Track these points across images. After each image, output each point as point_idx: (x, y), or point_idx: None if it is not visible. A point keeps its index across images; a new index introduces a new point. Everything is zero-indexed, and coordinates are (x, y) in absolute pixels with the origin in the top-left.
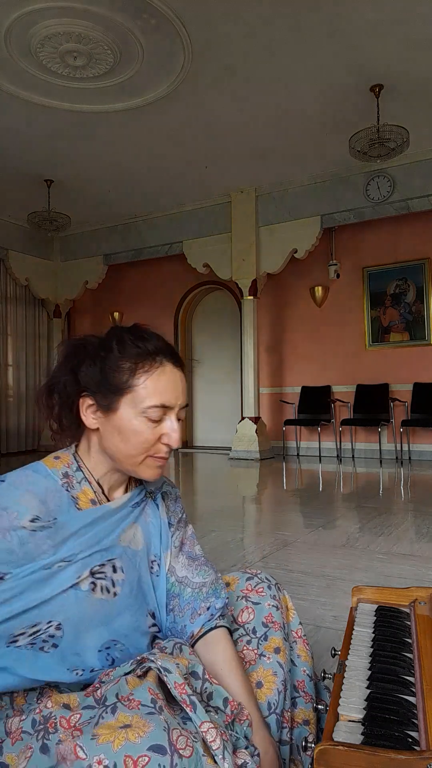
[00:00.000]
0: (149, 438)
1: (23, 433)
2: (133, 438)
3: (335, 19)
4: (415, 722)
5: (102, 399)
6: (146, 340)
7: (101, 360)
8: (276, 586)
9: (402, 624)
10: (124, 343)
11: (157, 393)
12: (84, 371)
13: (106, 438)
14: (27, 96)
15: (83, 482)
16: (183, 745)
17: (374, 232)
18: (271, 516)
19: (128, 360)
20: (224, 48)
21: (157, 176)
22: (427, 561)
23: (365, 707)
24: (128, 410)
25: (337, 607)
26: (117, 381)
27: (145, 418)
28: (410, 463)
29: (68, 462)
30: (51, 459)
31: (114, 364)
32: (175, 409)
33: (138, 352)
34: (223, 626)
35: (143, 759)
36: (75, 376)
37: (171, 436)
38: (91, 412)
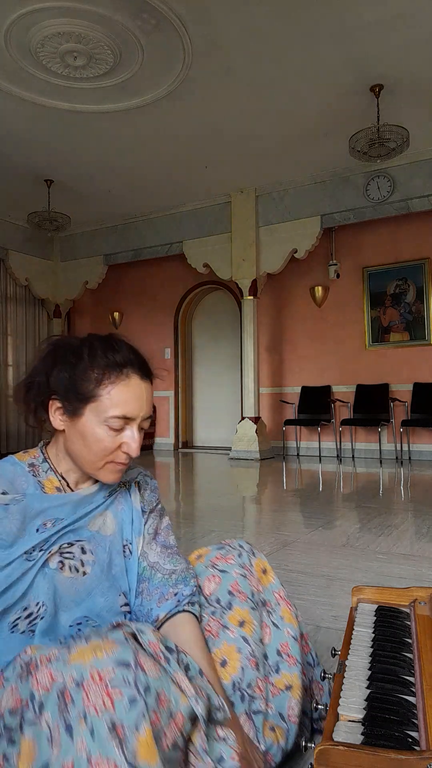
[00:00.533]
0: (109, 446)
1: (23, 433)
2: (95, 445)
3: (335, 19)
4: (415, 722)
5: (68, 404)
6: (116, 352)
7: (71, 367)
8: (249, 553)
9: (402, 624)
10: (94, 352)
11: (120, 404)
12: (54, 376)
13: (69, 440)
14: (27, 96)
15: (49, 472)
16: (149, 665)
17: (374, 232)
18: (271, 516)
19: (96, 369)
20: (224, 48)
21: (157, 176)
22: (427, 561)
23: (365, 707)
24: (92, 418)
25: (337, 607)
26: (83, 389)
27: (107, 426)
28: (410, 463)
29: (35, 455)
30: (20, 453)
31: (82, 372)
32: (137, 420)
33: (106, 363)
34: (190, 612)
35: (108, 672)
36: (47, 378)
37: (130, 446)
38: (58, 414)
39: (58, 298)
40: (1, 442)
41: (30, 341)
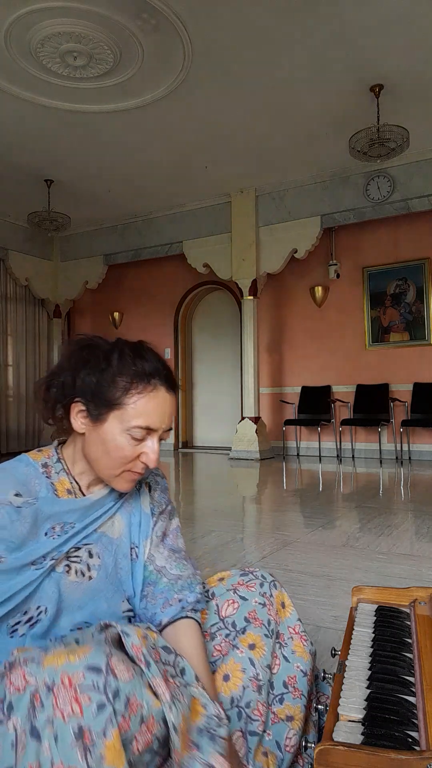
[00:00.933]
0: (129, 455)
1: (23, 433)
2: (114, 452)
3: (335, 19)
4: (415, 722)
5: (93, 408)
6: (146, 360)
7: (100, 371)
8: (271, 584)
9: (402, 624)
10: (124, 359)
11: (144, 415)
12: (81, 378)
13: (88, 444)
14: (27, 96)
15: (61, 473)
16: (122, 669)
17: (374, 232)
18: (271, 516)
19: (125, 377)
20: (224, 48)
21: (157, 176)
22: (427, 561)
23: (365, 707)
24: (115, 425)
25: (337, 607)
26: (110, 395)
27: (129, 435)
28: (410, 463)
29: (49, 454)
30: (34, 452)
31: (111, 378)
32: (159, 432)
33: (135, 371)
34: (192, 618)
35: (78, 676)
36: (73, 380)
37: (149, 457)
38: (80, 417)
39: (58, 298)
40: (1, 442)
41: (30, 341)
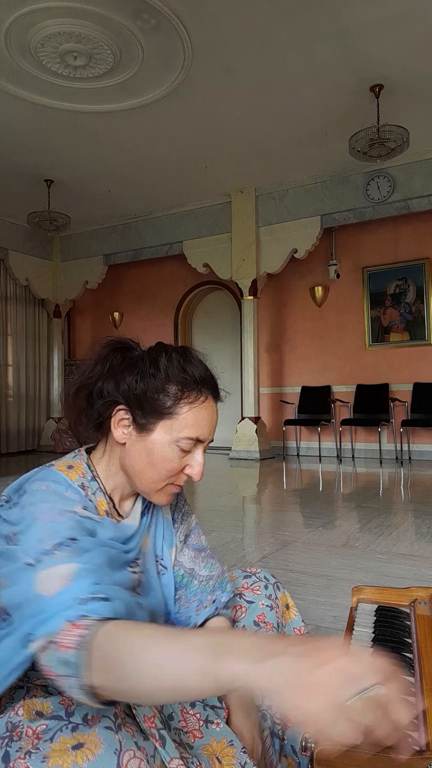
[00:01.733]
0: (175, 467)
1: (23, 433)
2: (161, 464)
3: (335, 19)
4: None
5: (140, 417)
6: (195, 367)
7: (149, 377)
8: (275, 585)
9: (402, 624)
10: (173, 365)
11: (195, 425)
12: (127, 383)
13: (131, 456)
14: (27, 96)
15: (98, 492)
16: (134, 766)
17: (374, 232)
18: (271, 516)
19: (175, 385)
20: (224, 48)
21: (157, 176)
22: (427, 561)
23: None
24: (163, 435)
25: (337, 607)
26: (160, 404)
27: (177, 446)
28: (410, 463)
29: (82, 472)
30: (64, 468)
31: (161, 385)
32: (205, 443)
33: (185, 379)
34: (224, 616)
35: None
36: (116, 385)
37: (194, 469)
38: (123, 426)
39: (58, 298)
40: (1, 442)
41: (30, 341)
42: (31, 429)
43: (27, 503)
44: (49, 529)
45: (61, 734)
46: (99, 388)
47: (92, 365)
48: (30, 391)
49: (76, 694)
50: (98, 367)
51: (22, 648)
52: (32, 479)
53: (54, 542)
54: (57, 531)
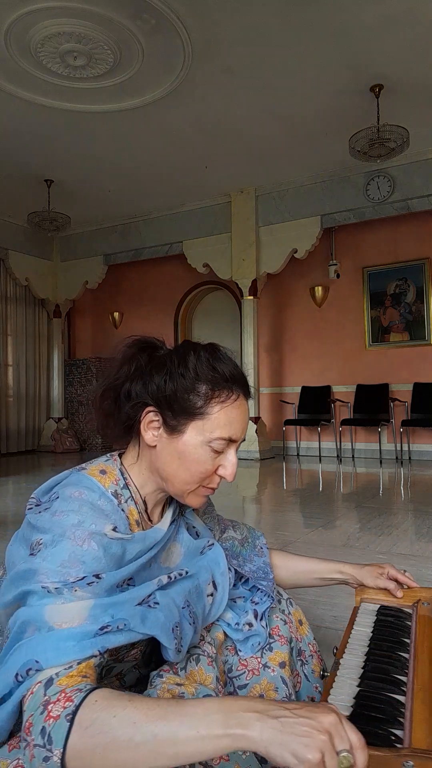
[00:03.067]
0: (209, 468)
1: (23, 433)
2: (193, 466)
3: (335, 19)
4: (402, 721)
5: (170, 418)
6: (224, 364)
7: (178, 377)
8: (288, 601)
9: (402, 624)
10: (202, 364)
11: (228, 425)
12: (156, 384)
13: (162, 458)
14: (27, 96)
15: (129, 501)
16: None
17: (374, 232)
18: (271, 516)
19: (205, 384)
20: (224, 48)
21: (157, 176)
22: (427, 561)
23: (353, 705)
24: (195, 436)
25: (337, 607)
26: (191, 404)
27: (209, 447)
28: (410, 463)
29: (115, 479)
30: (97, 473)
31: (190, 385)
32: (238, 443)
33: (215, 377)
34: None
35: None
36: (144, 386)
37: (227, 470)
38: (153, 428)
39: (58, 298)
40: (1, 442)
41: (30, 341)
42: (31, 429)
43: (58, 510)
44: (75, 555)
45: None
46: (126, 390)
47: (118, 366)
48: (30, 391)
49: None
50: (125, 368)
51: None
52: (65, 484)
53: (78, 575)
54: (83, 561)
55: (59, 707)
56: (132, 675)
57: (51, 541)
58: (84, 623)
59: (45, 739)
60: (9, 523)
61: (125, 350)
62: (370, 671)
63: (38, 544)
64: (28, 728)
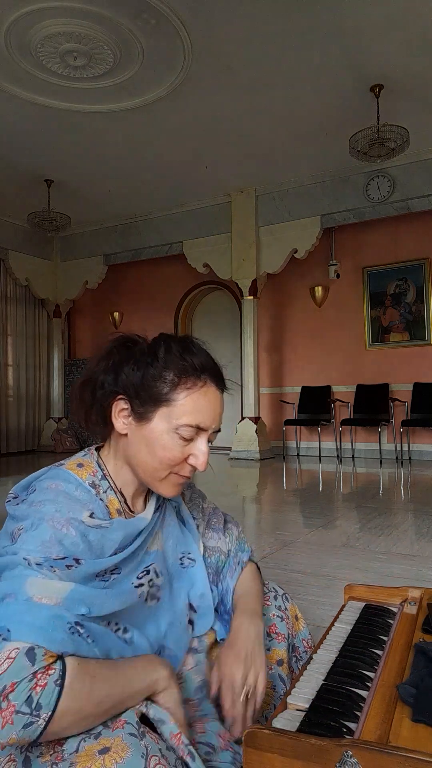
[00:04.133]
0: (176, 456)
1: (23, 433)
2: (160, 453)
3: (335, 19)
4: (358, 714)
5: (137, 406)
6: (194, 355)
7: (145, 366)
8: (284, 596)
9: (383, 622)
10: (170, 353)
11: (194, 412)
12: (125, 373)
13: (132, 446)
14: (27, 96)
15: (109, 491)
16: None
17: (374, 232)
18: (271, 516)
19: (172, 371)
20: (224, 48)
21: (157, 176)
22: (427, 561)
23: (314, 698)
24: (161, 423)
25: (337, 606)
26: (157, 391)
27: (176, 435)
28: (410, 463)
29: (92, 470)
30: (74, 467)
31: (157, 373)
32: (208, 432)
33: (183, 366)
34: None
35: None
36: (115, 376)
37: (198, 458)
38: (123, 416)
39: (58, 298)
40: (1, 442)
41: (30, 341)
42: (31, 429)
43: (35, 500)
44: (54, 537)
45: (85, 743)
46: (101, 381)
47: (97, 361)
48: (30, 391)
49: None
50: (102, 363)
51: None
52: (42, 478)
53: (59, 555)
54: (62, 543)
55: (45, 676)
56: None
57: (31, 526)
58: (60, 605)
59: (32, 707)
60: None
61: (104, 346)
62: (339, 666)
63: (18, 530)
64: (6, 694)
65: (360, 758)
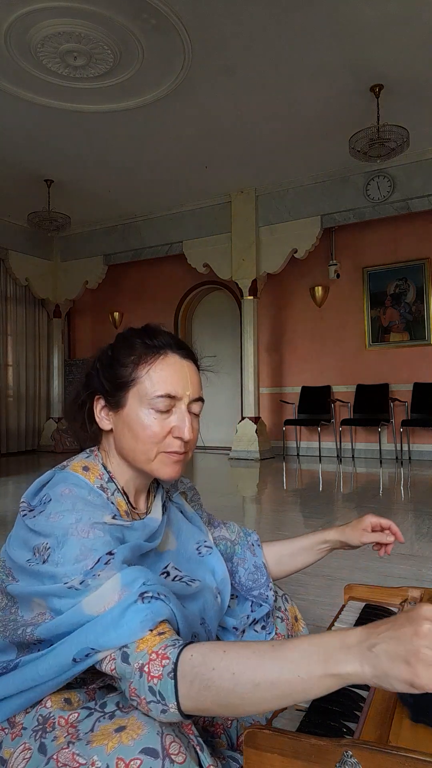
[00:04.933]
0: (157, 431)
1: (23, 433)
2: (142, 432)
3: (335, 19)
4: (358, 714)
5: (110, 397)
6: (152, 337)
7: (108, 359)
8: (283, 597)
9: None
10: (128, 339)
11: (161, 382)
12: (92, 374)
13: (118, 437)
14: (27, 96)
15: (116, 493)
16: (176, 750)
17: (374, 232)
18: (271, 516)
19: (128, 353)
20: (224, 48)
21: (157, 176)
22: (427, 561)
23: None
24: (135, 404)
25: (337, 607)
26: (122, 375)
27: (152, 409)
28: (410, 463)
29: (99, 473)
30: (80, 470)
31: (118, 359)
32: (184, 400)
33: (143, 347)
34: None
35: (135, 762)
36: (88, 381)
37: (180, 429)
38: (104, 413)
39: (58, 298)
40: (1, 442)
41: (30, 341)
42: (31, 429)
43: (53, 512)
44: (85, 547)
45: (100, 723)
46: (79, 393)
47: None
48: (30, 391)
49: (164, 717)
50: (80, 384)
51: (75, 664)
52: (52, 484)
53: (93, 560)
54: (93, 548)
55: (157, 667)
56: None
57: (57, 544)
58: (122, 598)
59: (157, 696)
60: (9, 523)
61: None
62: None
63: (45, 549)
64: (132, 692)
65: (360, 758)
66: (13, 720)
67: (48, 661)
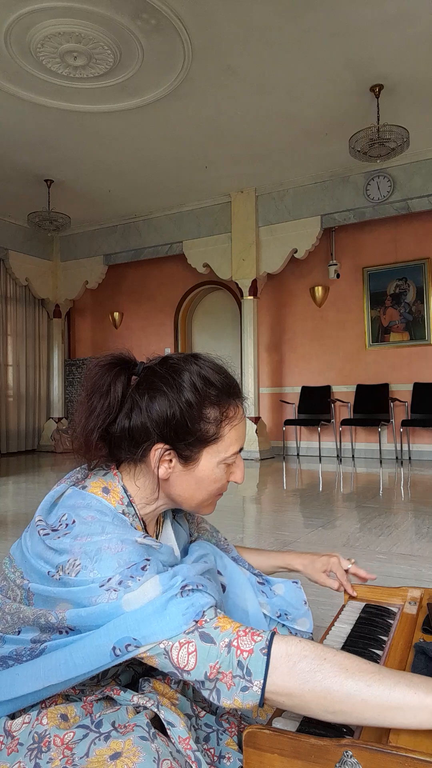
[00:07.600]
0: (225, 483)
1: (23, 433)
2: (212, 486)
3: (335, 19)
4: None
5: (183, 450)
6: (217, 376)
7: (184, 407)
8: None
9: (384, 622)
10: (196, 384)
11: (238, 440)
12: (160, 418)
13: (177, 486)
14: (27, 96)
15: (134, 519)
16: None
17: (374, 232)
18: (271, 516)
19: (211, 407)
20: (224, 48)
21: (157, 176)
22: (427, 561)
23: None
24: (210, 460)
25: (336, 607)
26: (204, 433)
27: (224, 465)
28: (410, 463)
29: (120, 498)
30: (100, 491)
31: (198, 413)
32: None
33: (218, 395)
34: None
35: None
36: (144, 424)
37: (238, 475)
38: (165, 461)
39: (58, 298)
40: (1, 442)
41: (30, 341)
42: (31, 429)
43: (81, 534)
44: (120, 558)
45: (95, 747)
46: (122, 428)
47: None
48: (30, 391)
49: (240, 699)
50: (104, 402)
51: (115, 657)
52: (73, 506)
53: (130, 564)
54: (129, 559)
55: (248, 642)
56: (127, 674)
57: (91, 561)
58: (164, 592)
59: (243, 671)
60: (9, 523)
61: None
62: None
63: (75, 565)
64: (214, 672)
65: (360, 758)
66: (9, 730)
67: (85, 649)
